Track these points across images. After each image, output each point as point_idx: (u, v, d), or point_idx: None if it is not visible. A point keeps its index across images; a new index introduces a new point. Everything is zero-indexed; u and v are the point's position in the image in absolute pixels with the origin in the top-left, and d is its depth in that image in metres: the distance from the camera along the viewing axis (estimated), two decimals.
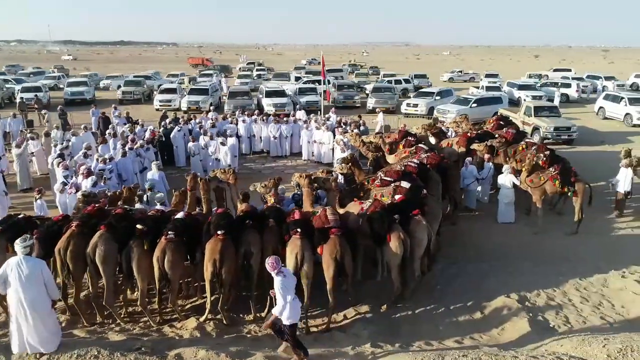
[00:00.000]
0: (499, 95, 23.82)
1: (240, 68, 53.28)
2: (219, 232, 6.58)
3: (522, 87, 29.28)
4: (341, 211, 8.04)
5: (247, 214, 7.27)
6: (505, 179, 10.82)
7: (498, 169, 12.22)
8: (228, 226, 6.72)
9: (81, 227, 6.78)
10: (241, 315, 7.23)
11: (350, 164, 9.94)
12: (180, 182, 10.64)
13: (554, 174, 9.97)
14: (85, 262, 6.66)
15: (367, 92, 29.45)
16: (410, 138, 12.18)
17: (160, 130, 15.35)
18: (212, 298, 6.87)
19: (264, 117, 17.00)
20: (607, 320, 7.03)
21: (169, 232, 6.60)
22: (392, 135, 13.12)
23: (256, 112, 17.92)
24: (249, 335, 6.71)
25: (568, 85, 30.85)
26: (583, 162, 15.89)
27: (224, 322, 6.96)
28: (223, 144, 13.31)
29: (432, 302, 7.63)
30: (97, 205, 7.41)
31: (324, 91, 19.70)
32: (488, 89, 29.17)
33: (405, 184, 8.21)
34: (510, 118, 20.32)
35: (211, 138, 13.75)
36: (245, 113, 17.78)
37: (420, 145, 11.60)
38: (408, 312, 7.39)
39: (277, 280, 5.35)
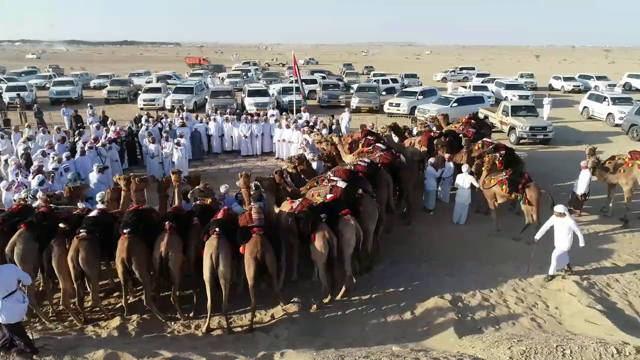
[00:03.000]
0: (481, 95, 23.63)
1: (234, 67, 53.39)
2: (124, 231, 6.54)
3: (509, 87, 29.08)
4: (277, 210, 7.99)
5: (167, 215, 7.18)
6: (464, 179, 10.68)
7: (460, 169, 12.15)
8: (135, 224, 6.66)
9: (1, 225, 6.75)
10: (169, 315, 7.18)
11: (297, 163, 9.87)
12: None
13: (503, 178, 9.77)
14: (4, 260, 6.60)
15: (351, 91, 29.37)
16: (370, 137, 12.09)
17: (126, 129, 15.29)
18: (128, 296, 6.86)
19: (237, 117, 16.96)
20: (537, 322, 6.93)
21: (81, 231, 6.55)
22: (355, 134, 13.05)
23: (228, 111, 17.84)
24: (169, 335, 6.67)
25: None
26: (555, 162, 15.85)
27: (158, 317, 6.94)
28: (178, 144, 13.26)
29: (365, 302, 7.56)
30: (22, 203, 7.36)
31: (299, 90, 19.60)
32: (475, 88, 28.97)
33: (341, 183, 8.11)
34: (489, 118, 20.32)
35: (167, 139, 13.69)
36: (218, 112, 17.72)
37: (377, 144, 11.49)
38: (338, 312, 7.32)
39: None
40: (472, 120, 15.10)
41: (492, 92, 29.18)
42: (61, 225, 6.83)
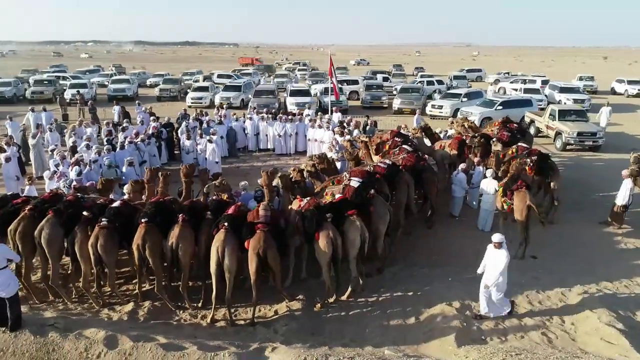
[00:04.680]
0: (529, 98, 22.55)
1: (285, 68, 54.48)
2: (142, 220, 6.90)
3: (563, 90, 27.58)
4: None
5: (182, 208, 7.49)
6: (489, 185, 10.31)
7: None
8: (153, 215, 7.02)
9: (32, 211, 7.32)
10: (179, 303, 7.48)
11: (318, 162, 9.97)
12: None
13: (502, 182, 9.32)
14: (33, 243, 7.18)
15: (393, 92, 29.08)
16: (397, 139, 11.94)
17: (165, 120, 15.97)
18: (144, 284, 7.20)
19: (272, 116, 17.31)
20: (548, 336, 6.59)
21: (102, 220, 6.98)
22: (384, 136, 12.93)
23: (265, 110, 18.24)
24: (174, 323, 6.96)
25: None
26: (602, 170, 14.93)
27: (168, 305, 7.26)
28: (210, 141, 13.72)
29: (370, 304, 7.51)
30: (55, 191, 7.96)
31: (334, 89, 19.67)
32: (526, 90, 27.72)
33: (354, 183, 8.10)
34: (535, 122, 19.44)
35: (201, 136, 14.20)
36: (255, 111, 18.16)
37: (404, 146, 11.35)
38: (341, 312, 7.32)
39: None
40: (514, 124, 14.50)
41: (545, 95, 27.84)
42: (85, 213, 7.33)
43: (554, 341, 6.50)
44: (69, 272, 8.02)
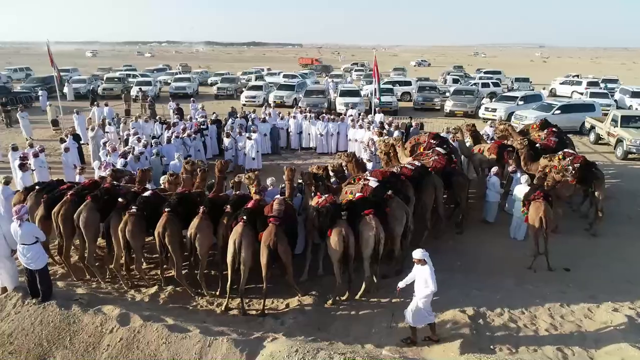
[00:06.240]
0: (592, 102, 21.10)
1: (342, 68, 54.77)
2: (165, 210, 7.34)
3: (635, 94, 25.52)
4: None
5: (205, 201, 7.86)
6: (522, 191, 9.86)
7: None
8: (176, 205, 7.46)
9: (74, 196, 8.03)
10: (199, 290, 7.88)
11: (346, 161, 10.06)
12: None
13: (528, 191, 8.88)
14: (73, 226, 7.87)
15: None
16: (433, 141, 11.73)
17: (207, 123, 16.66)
18: (171, 271, 7.69)
19: (315, 115, 17.56)
20: (563, 352, 6.25)
21: (132, 207, 7.52)
22: (422, 137, 12.74)
23: (308, 109, 18.53)
24: (190, 308, 7.34)
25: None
26: None
27: (188, 290, 7.69)
28: (250, 138, 14.17)
29: (381, 305, 7.49)
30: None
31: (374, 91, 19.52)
32: (592, 94, 25.97)
33: (372, 183, 8.11)
34: (596, 128, 18.25)
35: (240, 134, 14.70)
36: (298, 110, 18.51)
37: (437, 148, 11.14)
38: (351, 311, 7.36)
39: None
40: (554, 129, 13.71)
41: (615, 100, 25.94)
42: (120, 199, 7.93)
43: (569, 357, 6.16)
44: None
